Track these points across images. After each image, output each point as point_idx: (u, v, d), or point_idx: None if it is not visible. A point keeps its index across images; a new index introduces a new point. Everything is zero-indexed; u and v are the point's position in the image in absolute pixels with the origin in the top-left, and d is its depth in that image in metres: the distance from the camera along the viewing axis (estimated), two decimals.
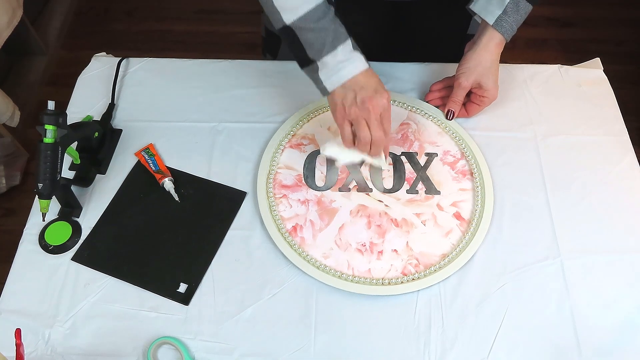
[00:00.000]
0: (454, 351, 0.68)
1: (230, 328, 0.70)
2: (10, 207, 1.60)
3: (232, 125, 0.87)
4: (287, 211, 0.78)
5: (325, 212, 0.78)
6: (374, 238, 0.76)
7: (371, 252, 0.75)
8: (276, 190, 0.80)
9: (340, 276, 0.72)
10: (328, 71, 0.71)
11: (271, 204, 0.78)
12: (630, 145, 0.84)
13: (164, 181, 0.80)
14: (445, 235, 0.76)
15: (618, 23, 2.00)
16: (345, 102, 0.71)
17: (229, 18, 2.02)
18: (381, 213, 0.78)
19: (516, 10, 0.76)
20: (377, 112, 0.71)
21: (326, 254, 0.75)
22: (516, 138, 0.85)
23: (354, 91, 0.70)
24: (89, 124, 0.81)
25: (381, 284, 0.72)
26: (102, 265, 0.74)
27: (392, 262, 0.74)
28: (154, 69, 0.95)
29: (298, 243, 0.75)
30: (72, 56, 1.93)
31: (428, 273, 0.72)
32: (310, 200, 0.79)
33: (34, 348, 0.68)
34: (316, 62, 0.71)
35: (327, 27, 0.70)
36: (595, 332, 0.69)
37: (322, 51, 0.70)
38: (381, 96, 0.71)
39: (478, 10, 0.78)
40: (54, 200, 0.75)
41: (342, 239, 0.76)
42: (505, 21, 0.76)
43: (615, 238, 0.76)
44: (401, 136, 0.86)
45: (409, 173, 0.82)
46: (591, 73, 0.93)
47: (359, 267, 0.73)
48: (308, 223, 0.77)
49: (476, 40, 0.80)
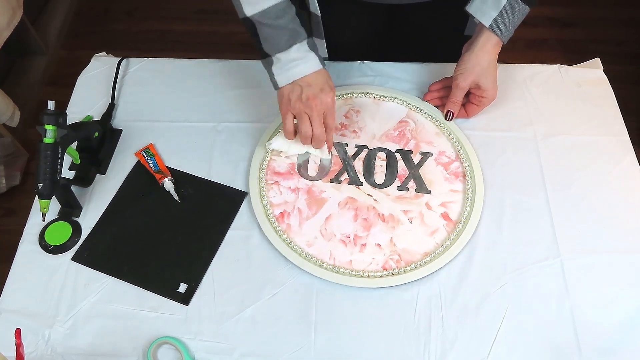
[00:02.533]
0: (454, 351, 0.68)
1: (230, 328, 0.70)
2: (10, 207, 1.60)
3: (232, 125, 0.87)
4: (277, 197, 0.79)
5: (314, 201, 0.79)
6: (359, 231, 0.76)
7: (354, 244, 0.75)
8: (268, 176, 0.81)
9: (321, 265, 0.73)
10: (280, 67, 0.74)
11: (262, 189, 0.79)
12: (630, 145, 0.84)
13: (164, 181, 0.80)
14: (431, 234, 0.76)
15: (618, 23, 2.00)
16: (291, 96, 0.75)
17: (229, 18, 2.00)
18: (369, 207, 0.79)
19: (512, 12, 0.76)
20: (319, 109, 0.75)
21: (310, 242, 0.76)
22: (516, 138, 0.85)
23: (301, 87, 0.74)
24: (89, 124, 0.81)
25: (360, 276, 0.72)
26: (102, 265, 0.74)
27: (374, 256, 0.74)
28: (154, 69, 0.95)
29: (284, 229, 0.76)
30: (72, 56, 1.93)
31: (408, 270, 0.73)
32: (301, 189, 0.80)
33: (34, 348, 0.68)
34: (271, 57, 0.74)
35: (284, 25, 0.72)
36: (595, 332, 0.69)
37: (277, 48, 0.73)
38: (326, 95, 0.74)
39: (474, 11, 0.78)
40: (54, 200, 0.75)
41: (327, 229, 0.77)
42: (501, 23, 0.76)
43: (615, 238, 0.76)
44: (398, 133, 0.86)
45: (402, 170, 0.82)
46: (591, 73, 0.93)
47: (340, 258, 0.74)
48: (296, 211, 0.78)
49: (473, 41, 0.80)
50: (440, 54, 0.92)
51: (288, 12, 0.72)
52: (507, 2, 0.75)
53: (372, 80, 0.92)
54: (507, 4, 0.75)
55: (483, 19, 0.77)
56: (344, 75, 0.92)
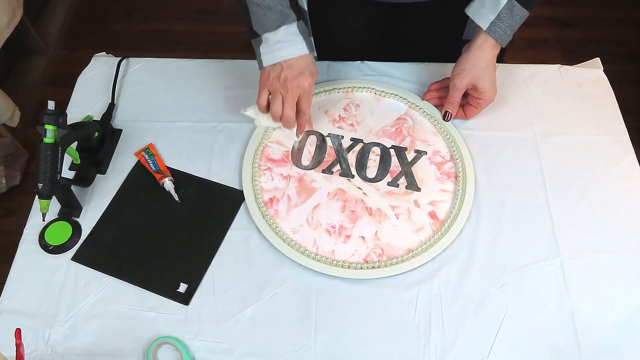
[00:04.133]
0: (454, 351, 0.68)
1: (230, 328, 0.70)
2: (10, 207, 1.60)
3: (232, 125, 0.87)
4: (268, 183, 0.81)
5: (304, 189, 0.80)
6: (345, 222, 0.77)
7: (339, 235, 0.76)
8: (262, 162, 0.82)
9: (304, 252, 0.74)
10: (267, 47, 0.76)
11: (254, 174, 0.80)
12: (630, 145, 0.84)
13: (164, 181, 0.80)
14: (416, 231, 0.76)
15: (618, 23, 2.00)
16: (271, 73, 0.76)
17: (229, 18, 2.01)
18: (358, 200, 0.79)
19: (510, 16, 0.76)
20: (294, 92, 0.76)
21: (295, 229, 0.76)
22: (516, 138, 0.85)
23: (282, 67, 0.76)
24: (89, 124, 0.81)
25: (341, 266, 0.73)
26: (102, 265, 0.74)
27: (357, 248, 0.75)
28: (154, 69, 0.95)
29: (271, 215, 0.77)
30: (72, 56, 1.93)
31: (389, 264, 0.73)
32: (292, 177, 0.81)
33: (34, 348, 0.68)
34: (260, 36, 0.76)
35: (272, 6, 0.73)
36: (595, 332, 0.69)
37: (265, 28, 0.75)
38: (304, 79, 0.76)
39: (472, 14, 0.78)
40: (54, 200, 0.75)
41: (313, 218, 0.78)
42: (499, 27, 0.76)
43: (615, 238, 0.76)
44: (395, 130, 0.86)
45: (394, 166, 0.82)
46: (591, 73, 0.93)
47: (323, 247, 0.75)
48: (285, 197, 0.79)
49: (472, 42, 0.80)
50: (440, 54, 0.92)
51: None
52: (505, 5, 0.75)
53: (372, 80, 0.92)
54: (505, 7, 0.75)
55: (481, 21, 0.77)
56: (344, 75, 0.92)
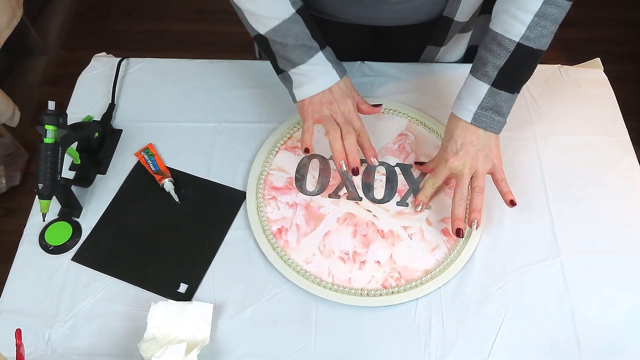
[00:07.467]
0: (454, 352, 0.68)
1: (230, 328, 0.70)
2: (10, 207, 1.60)
3: (232, 125, 0.87)
4: (274, 213, 0.78)
5: (312, 217, 0.78)
6: (358, 247, 0.75)
7: (353, 262, 0.74)
8: (266, 191, 0.80)
9: (320, 283, 0.72)
10: (295, 83, 0.75)
11: (259, 205, 0.78)
12: (630, 145, 0.84)
13: (164, 182, 0.79)
14: (431, 251, 0.75)
15: (618, 23, 2.00)
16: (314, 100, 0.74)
17: (229, 18, 1.99)
18: (368, 223, 0.77)
19: (494, 104, 0.71)
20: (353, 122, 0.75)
21: (308, 259, 0.74)
22: (516, 138, 0.85)
23: (322, 104, 0.74)
24: (89, 124, 0.81)
25: (360, 294, 0.71)
26: (102, 265, 0.74)
27: (374, 274, 0.73)
28: (154, 69, 0.95)
29: (281, 246, 0.75)
30: (72, 56, 1.93)
31: (408, 288, 0.71)
32: (299, 204, 0.79)
33: (34, 348, 0.68)
34: (286, 72, 0.75)
35: (292, 43, 0.72)
36: (595, 332, 0.69)
37: (288, 64, 0.74)
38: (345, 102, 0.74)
39: (454, 109, 0.73)
40: (54, 200, 0.75)
41: (325, 246, 0.75)
42: (484, 116, 0.71)
43: (615, 238, 0.76)
44: (398, 147, 0.84)
45: (402, 185, 0.80)
46: (591, 73, 0.93)
47: (339, 276, 0.72)
48: (294, 227, 0.77)
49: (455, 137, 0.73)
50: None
51: (291, 29, 0.72)
52: (487, 93, 0.71)
53: (372, 80, 0.91)
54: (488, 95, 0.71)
55: (462, 114, 0.72)
56: None
